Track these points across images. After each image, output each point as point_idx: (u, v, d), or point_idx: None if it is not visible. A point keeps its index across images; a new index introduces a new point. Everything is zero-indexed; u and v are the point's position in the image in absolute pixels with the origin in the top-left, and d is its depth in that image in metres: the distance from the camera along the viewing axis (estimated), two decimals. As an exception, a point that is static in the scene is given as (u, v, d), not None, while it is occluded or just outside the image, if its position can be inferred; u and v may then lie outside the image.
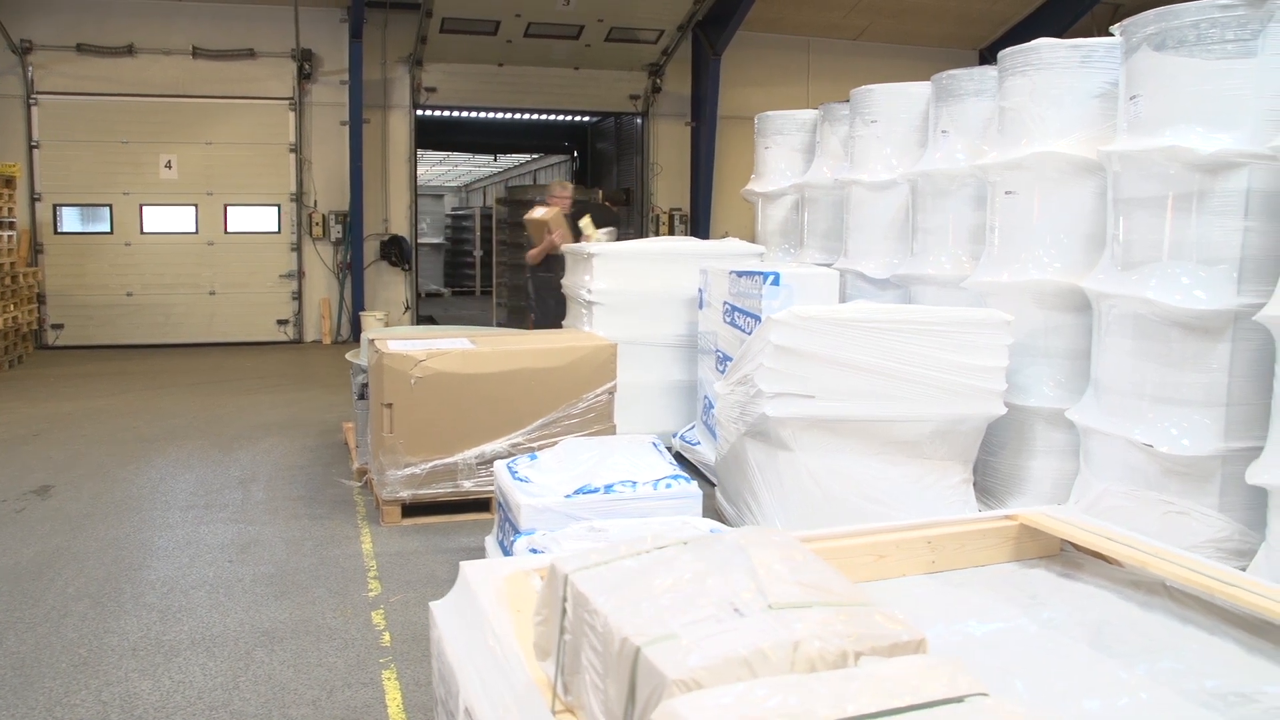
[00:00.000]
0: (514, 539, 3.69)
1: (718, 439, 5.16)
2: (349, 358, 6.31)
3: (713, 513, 4.84)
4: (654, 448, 4.19)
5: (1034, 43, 4.83)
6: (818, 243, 7.51)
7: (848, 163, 6.83)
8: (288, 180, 12.88)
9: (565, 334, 6.44)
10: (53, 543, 4.81)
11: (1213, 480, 4.06)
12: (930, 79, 5.93)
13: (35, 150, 12.10)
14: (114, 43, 12.14)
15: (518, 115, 14.62)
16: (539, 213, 8.00)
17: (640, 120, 14.27)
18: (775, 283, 5.26)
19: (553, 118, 15.58)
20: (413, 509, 5.12)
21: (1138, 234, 4.20)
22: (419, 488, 5.08)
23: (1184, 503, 4.10)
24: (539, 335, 6.53)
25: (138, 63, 12.24)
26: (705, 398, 6.16)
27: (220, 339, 12.69)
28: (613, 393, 5.34)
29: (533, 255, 8.05)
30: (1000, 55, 5.06)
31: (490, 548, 4.26)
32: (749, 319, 5.33)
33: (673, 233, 13.99)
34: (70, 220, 12.39)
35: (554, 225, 7.78)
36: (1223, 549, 3.99)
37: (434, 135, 16.53)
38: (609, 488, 3.80)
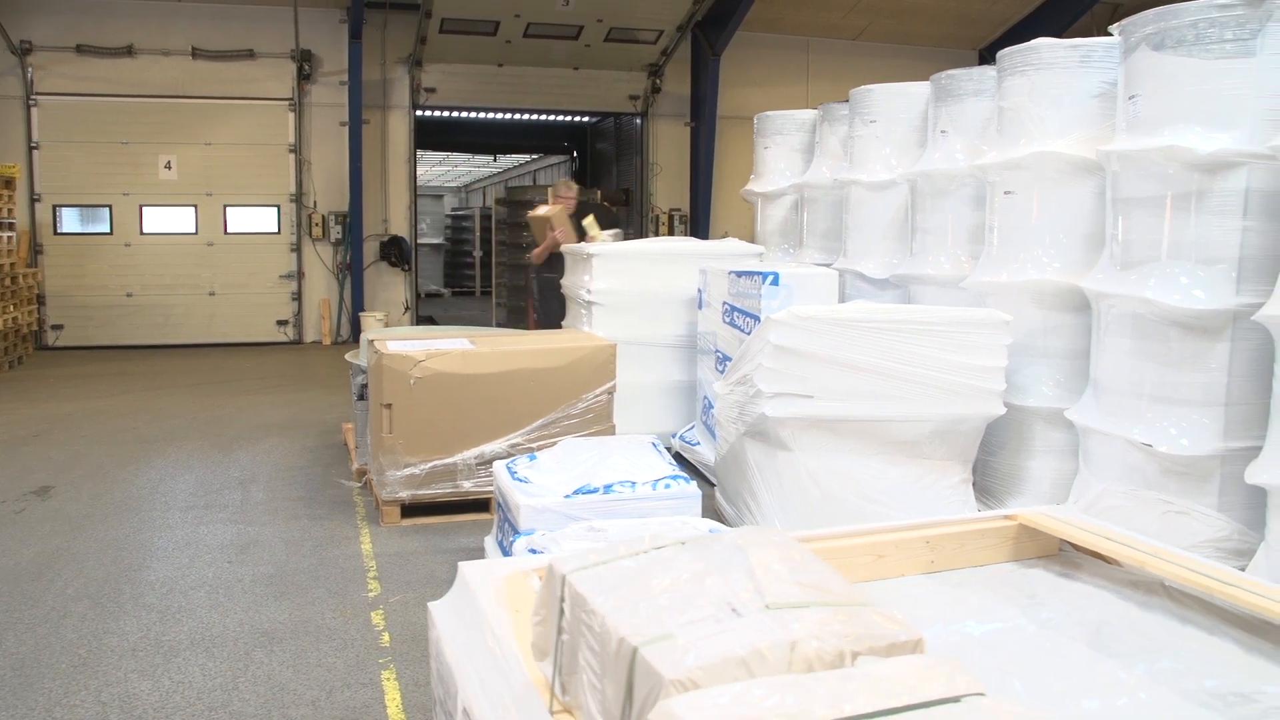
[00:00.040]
0: (513, 539, 3.69)
1: (717, 439, 5.16)
2: (348, 358, 6.31)
3: (712, 513, 4.84)
4: (653, 448, 4.19)
5: (1033, 42, 4.83)
6: (817, 243, 7.50)
7: (847, 163, 6.83)
8: (287, 181, 12.89)
9: (564, 334, 6.44)
10: (52, 543, 4.81)
11: (1212, 480, 4.06)
12: (929, 79, 5.93)
13: (35, 151, 12.10)
14: (113, 43, 12.15)
15: (517, 115, 14.63)
16: (542, 210, 7.99)
17: (640, 120, 14.27)
18: (774, 283, 5.26)
19: (552, 118, 15.59)
20: (412, 509, 5.12)
21: (1136, 234, 4.20)
22: (418, 488, 5.09)
23: (1183, 502, 4.10)
24: (538, 335, 6.53)
25: (137, 63, 12.25)
26: (705, 398, 6.16)
27: (220, 340, 12.69)
28: (612, 393, 5.34)
29: (537, 254, 8.03)
30: (999, 55, 5.05)
31: (489, 548, 4.26)
32: (748, 319, 5.33)
33: (672, 233, 13.99)
34: (70, 221, 12.40)
35: (556, 222, 7.75)
36: (1222, 549, 3.99)
37: (433, 136, 16.54)
38: (608, 488, 3.80)
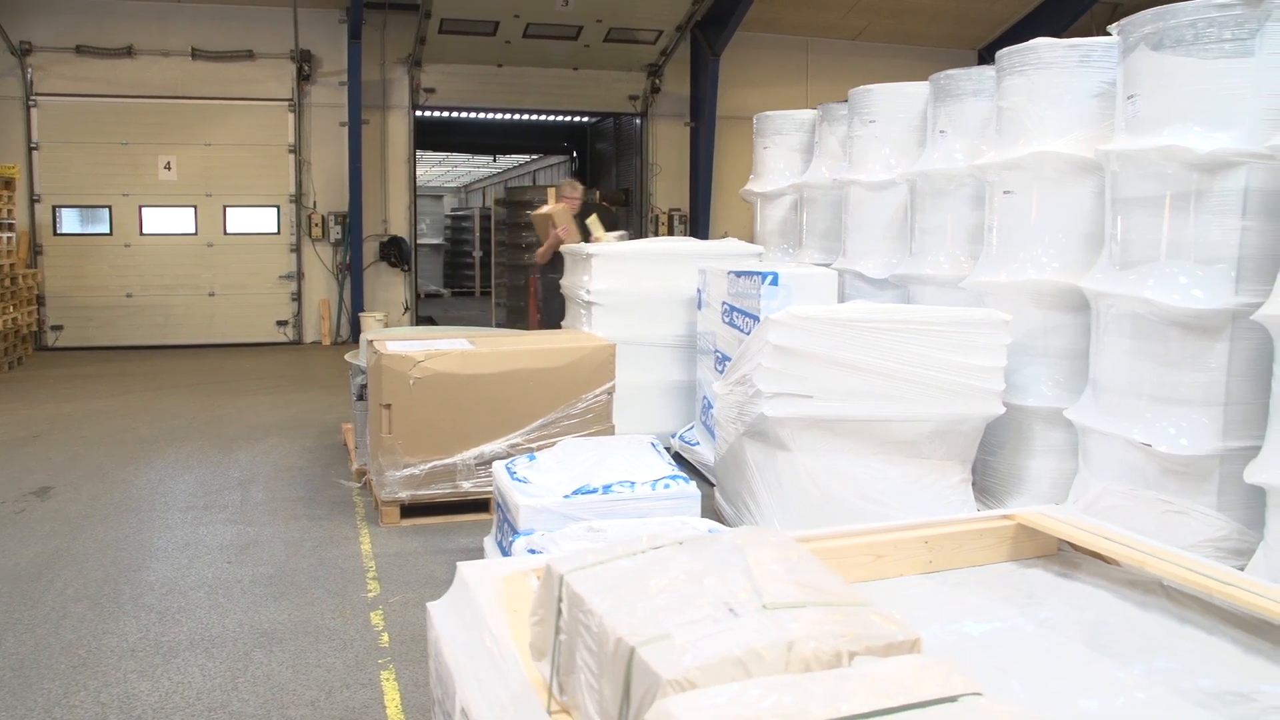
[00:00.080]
0: (512, 539, 3.69)
1: (716, 439, 5.16)
2: (348, 358, 6.31)
3: (712, 513, 4.84)
4: (653, 448, 4.19)
5: (1032, 42, 4.83)
6: (816, 243, 7.50)
7: (846, 163, 6.83)
8: (287, 181, 12.89)
9: (564, 334, 6.44)
10: (52, 544, 4.81)
11: (1211, 479, 4.06)
12: (928, 79, 5.93)
13: (34, 152, 12.10)
14: (113, 44, 12.15)
15: (517, 116, 14.62)
16: (545, 208, 7.97)
17: (639, 121, 14.27)
18: (774, 283, 5.26)
19: (552, 118, 15.59)
20: (412, 510, 5.12)
21: (1136, 233, 4.20)
22: (418, 488, 5.09)
23: (1182, 502, 4.10)
24: (537, 336, 6.53)
25: (137, 64, 12.25)
26: (704, 398, 6.16)
27: (220, 340, 12.69)
28: (611, 393, 5.34)
29: (541, 253, 7.97)
30: (998, 55, 5.05)
31: (489, 548, 4.26)
32: (747, 319, 5.33)
33: (672, 233, 13.99)
34: (69, 222, 12.40)
35: (558, 220, 7.72)
36: (1221, 548, 3.99)
37: (433, 136, 16.54)
38: (607, 488, 3.81)
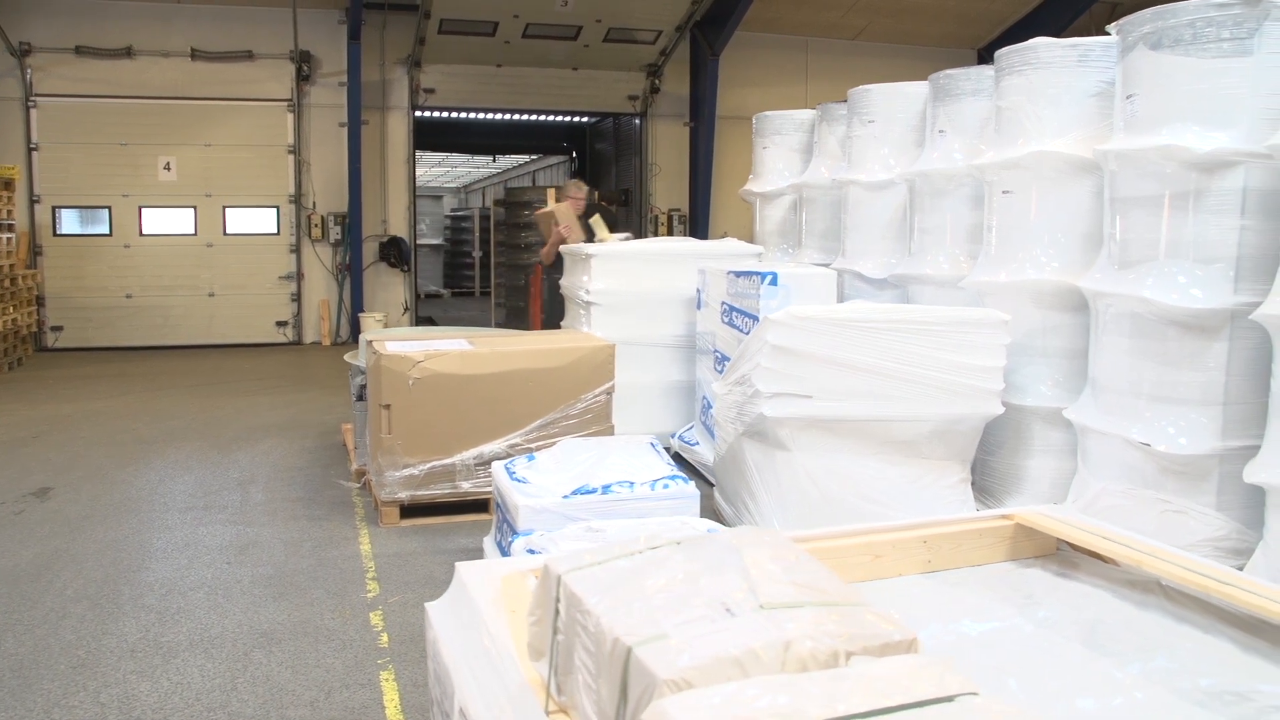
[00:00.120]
0: (512, 540, 3.70)
1: (716, 439, 5.16)
2: (347, 359, 6.31)
3: (711, 513, 4.85)
4: (652, 448, 4.19)
5: (1031, 42, 4.83)
6: (816, 243, 7.51)
7: (845, 163, 6.83)
8: (286, 182, 12.89)
9: (563, 334, 6.44)
10: (51, 544, 4.81)
11: (1210, 479, 4.06)
12: (927, 79, 5.93)
13: (34, 152, 12.11)
14: (112, 45, 12.15)
15: (516, 116, 14.63)
16: (548, 207, 7.98)
17: (639, 121, 14.27)
18: (773, 283, 5.26)
19: (551, 118, 15.59)
20: (411, 510, 5.12)
21: (1134, 233, 4.20)
22: (417, 489, 5.09)
23: (1181, 501, 4.10)
24: (537, 336, 6.53)
25: (136, 65, 12.25)
26: (703, 398, 6.16)
27: (219, 341, 12.69)
28: (611, 393, 5.34)
29: (546, 253, 7.93)
30: (997, 55, 5.05)
31: (488, 549, 4.26)
32: (747, 319, 5.33)
33: (671, 233, 13.99)
34: (69, 222, 12.40)
35: (560, 217, 7.72)
36: (1220, 548, 3.99)
37: (433, 136, 16.55)
38: (606, 488, 3.81)
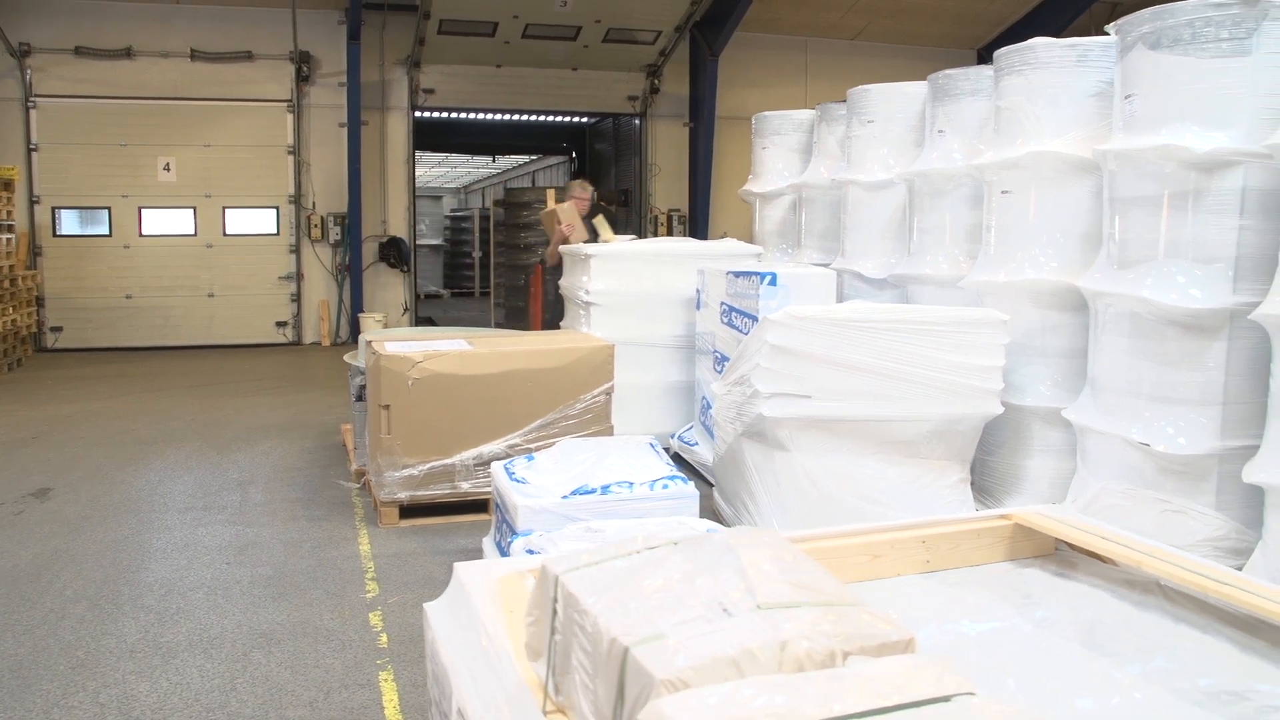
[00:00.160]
0: (511, 540, 3.70)
1: (715, 440, 5.16)
2: (347, 359, 6.31)
3: (710, 513, 4.84)
4: (651, 448, 4.19)
5: (1030, 42, 4.83)
6: (815, 243, 7.50)
7: (845, 163, 6.83)
8: (286, 182, 12.88)
9: (562, 335, 6.44)
10: (51, 545, 4.81)
11: (1209, 479, 4.06)
12: (927, 79, 5.93)
13: (34, 153, 12.10)
14: (112, 45, 12.14)
15: (516, 116, 14.61)
16: (552, 206, 7.98)
17: (638, 121, 14.27)
18: (772, 283, 5.26)
19: (551, 119, 15.57)
20: (410, 510, 5.12)
21: (1134, 233, 4.20)
22: (417, 489, 5.09)
23: (1181, 501, 4.10)
24: (536, 336, 6.53)
25: (136, 65, 12.24)
26: (703, 398, 6.16)
27: (219, 341, 12.69)
28: (610, 393, 5.34)
29: (550, 253, 7.92)
30: (996, 55, 5.05)
31: (488, 549, 4.26)
32: (746, 319, 5.33)
33: (671, 233, 13.98)
34: (69, 223, 12.39)
35: (563, 216, 7.72)
36: (1219, 547, 3.99)
37: (432, 137, 16.53)
38: (606, 489, 3.81)
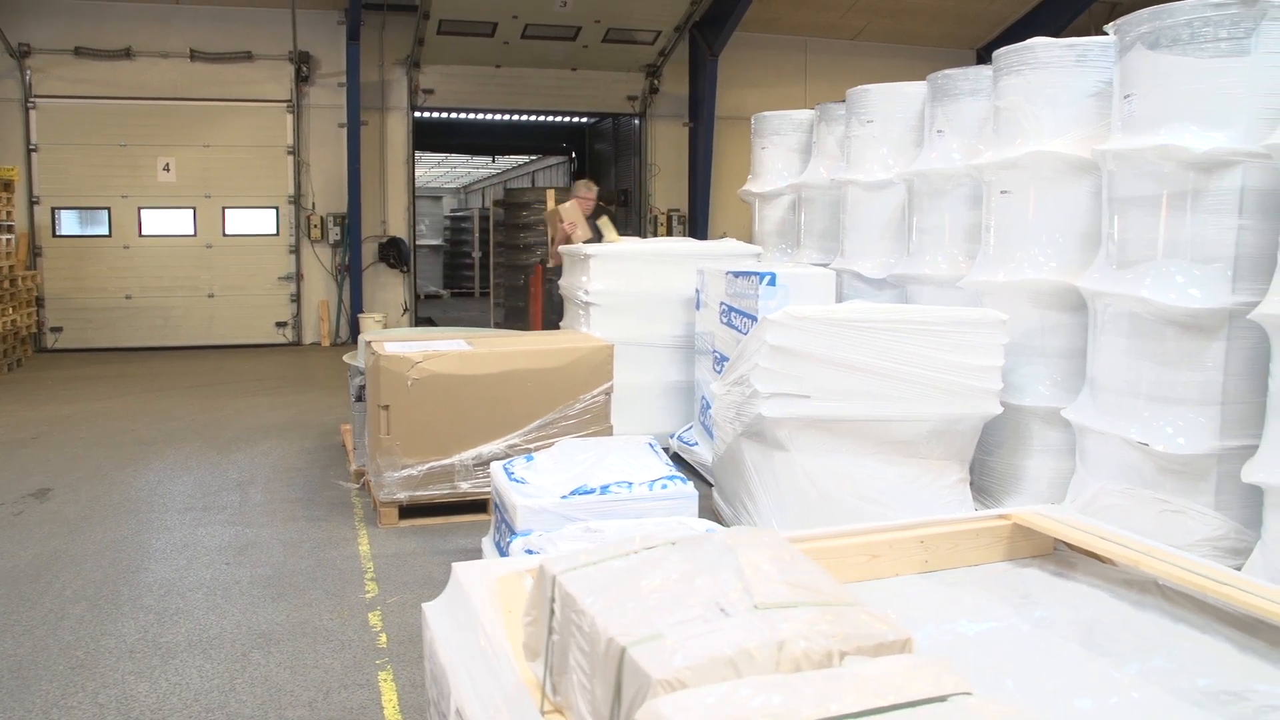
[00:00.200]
0: (510, 540, 3.70)
1: (714, 440, 5.16)
2: (346, 360, 6.31)
3: (710, 513, 4.85)
4: (650, 449, 4.19)
5: (1029, 42, 4.83)
6: (814, 243, 7.50)
7: (844, 163, 6.83)
8: (286, 183, 12.88)
9: (562, 335, 6.44)
10: (50, 545, 4.81)
11: (1208, 478, 4.06)
12: (926, 79, 5.93)
13: (33, 153, 12.10)
14: (112, 46, 12.15)
15: (515, 117, 14.61)
16: (555, 204, 7.99)
17: (638, 121, 14.27)
18: (771, 283, 5.26)
19: (550, 119, 15.57)
20: (410, 511, 5.12)
21: (1133, 233, 4.20)
22: (416, 489, 5.09)
23: (1180, 501, 4.10)
24: (535, 336, 6.53)
25: (135, 66, 12.25)
26: (702, 398, 6.16)
27: (219, 341, 12.69)
28: (610, 394, 5.34)
29: (553, 252, 7.92)
30: (995, 55, 5.05)
31: (487, 549, 4.27)
32: (745, 319, 5.33)
33: (670, 233, 13.98)
34: (69, 223, 12.40)
35: (565, 214, 7.73)
36: (1218, 547, 3.99)
37: (432, 137, 16.53)
38: (605, 489, 3.81)
